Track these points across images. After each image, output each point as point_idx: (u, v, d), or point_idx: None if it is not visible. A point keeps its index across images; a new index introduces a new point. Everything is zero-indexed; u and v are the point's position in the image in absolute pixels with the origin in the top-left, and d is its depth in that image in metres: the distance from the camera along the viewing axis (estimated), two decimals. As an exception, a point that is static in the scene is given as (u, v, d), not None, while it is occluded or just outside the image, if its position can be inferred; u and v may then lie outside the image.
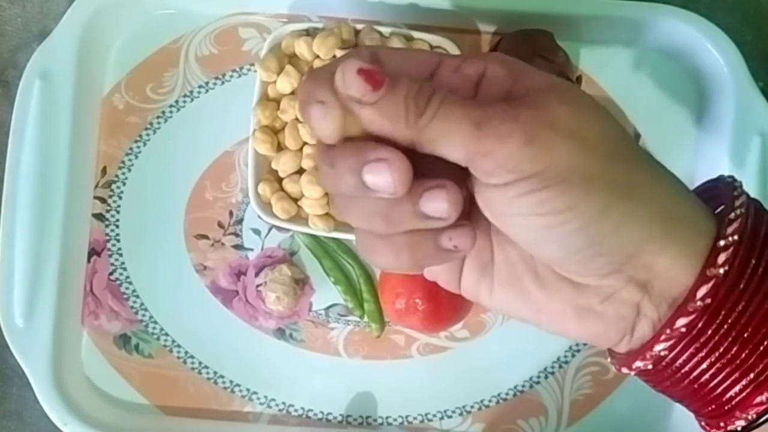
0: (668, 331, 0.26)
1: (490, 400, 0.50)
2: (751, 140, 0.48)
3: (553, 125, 0.25)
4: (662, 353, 0.26)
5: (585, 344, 0.50)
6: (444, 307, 0.47)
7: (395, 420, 0.50)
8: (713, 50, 0.48)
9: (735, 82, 0.48)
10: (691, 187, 0.29)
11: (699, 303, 0.25)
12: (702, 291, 0.25)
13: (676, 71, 0.50)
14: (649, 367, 0.27)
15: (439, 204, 0.25)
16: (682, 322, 0.26)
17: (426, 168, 0.25)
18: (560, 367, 0.50)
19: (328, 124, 0.25)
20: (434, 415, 0.50)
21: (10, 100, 0.49)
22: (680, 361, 0.26)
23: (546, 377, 0.50)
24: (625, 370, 0.28)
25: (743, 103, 0.48)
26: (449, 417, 0.50)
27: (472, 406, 0.50)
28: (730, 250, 0.25)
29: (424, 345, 0.50)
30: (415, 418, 0.50)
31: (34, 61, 0.48)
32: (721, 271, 0.25)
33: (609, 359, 0.29)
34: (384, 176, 0.24)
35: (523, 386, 0.50)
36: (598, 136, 0.25)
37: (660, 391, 0.29)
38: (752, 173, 0.48)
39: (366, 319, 0.50)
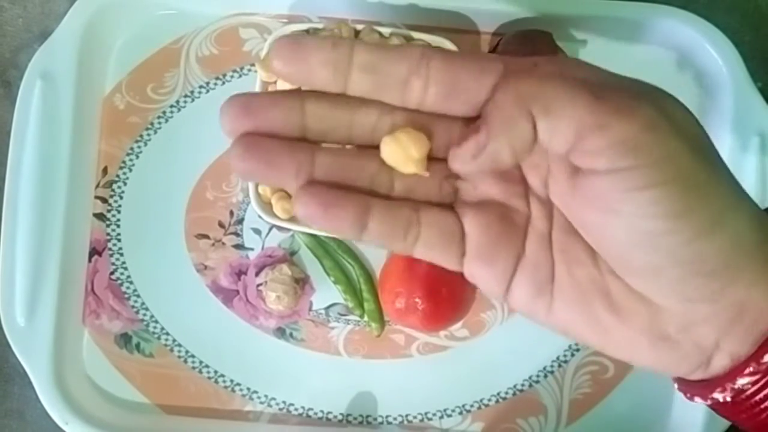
0: (754, 365, 0.24)
1: (489, 399, 0.50)
2: (749, 140, 0.48)
3: (670, 118, 0.22)
4: (745, 387, 0.24)
5: (584, 343, 0.50)
6: (444, 307, 0.47)
7: (395, 419, 0.50)
8: (712, 51, 0.48)
9: (734, 83, 0.48)
10: None
11: None
12: None
13: (675, 71, 0.50)
14: (728, 399, 0.25)
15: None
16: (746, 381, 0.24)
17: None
18: (560, 366, 0.50)
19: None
20: (434, 414, 0.50)
21: (11, 101, 0.49)
22: (762, 395, 0.24)
23: (545, 376, 0.50)
24: (698, 400, 0.26)
25: (742, 104, 0.48)
26: (449, 416, 0.50)
27: (471, 405, 0.50)
28: None
29: (424, 344, 0.50)
30: (414, 417, 0.50)
31: (35, 61, 0.48)
32: None
33: (676, 386, 0.27)
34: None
35: (523, 385, 0.50)
36: (702, 140, 0.23)
37: (733, 421, 0.27)
38: (751, 173, 0.48)
39: (366, 318, 0.50)
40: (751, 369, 0.24)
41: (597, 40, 0.50)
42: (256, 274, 0.51)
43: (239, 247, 0.51)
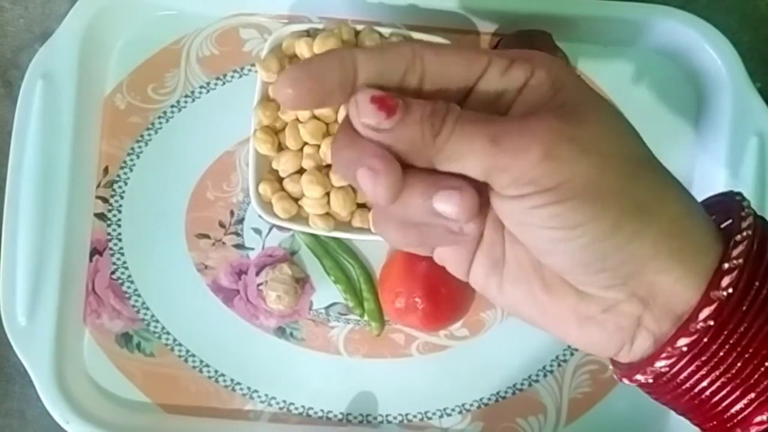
0: (669, 349, 0.26)
1: (489, 399, 0.50)
2: (748, 140, 0.48)
3: (572, 140, 0.24)
4: (662, 369, 0.26)
5: (583, 343, 0.50)
6: (443, 306, 0.47)
7: (395, 418, 0.50)
8: (711, 51, 0.48)
9: (733, 83, 0.48)
10: (691, 189, 0.29)
11: (701, 324, 0.25)
12: (705, 312, 0.25)
13: (674, 72, 0.50)
14: (650, 381, 0.27)
15: (452, 207, 0.25)
16: (683, 341, 0.26)
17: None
18: (559, 365, 0.50)
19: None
20: (434, 414, 0.50)
21: (12, 101, 0.49)
22: (682, 376, 0.26)
23: (545, 376, 0.50)
24: (626, 381, 0.28)
25: (741, 104, 0.48)
26: (449, 415, 0.50)
27: (471, 405, 0.50)
28: (735, 273, 0.25)
29: (424, 344, 0.51)
30: (414, 417, 0.50)
31: (36, 61, 0.48)
32: (725, 293, 0.25)
33: (612, 368, 0.30)
34: (368, 182, 0.25)
35: (522, 385, 0.50)
36: (617, 153, 0.25)
37: (663, 403, 0.29)
38: (749, 173, 0.48)
39: (366, 318, 0.50)
40: (667, 353, 0.26)
41: (596, 41, 0.50)
42: (257, 274, 0.51)
43: (240, 246, 0.51)
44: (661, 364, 0.26)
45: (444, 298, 0.47)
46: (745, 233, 0.26)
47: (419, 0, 0.48)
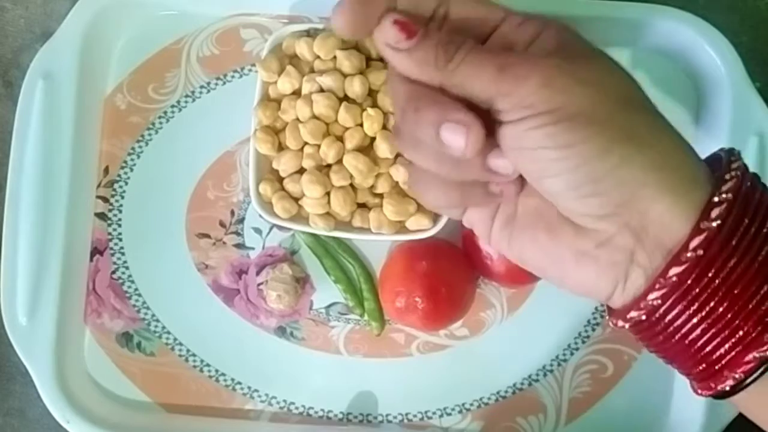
0: (661, 280, 0.27)
1: (489, 398, 0.50)
2: (747, 140, 0.48)
3: (572, 74, 0.27)
4: (655, 303, 0.27)
5: (584, 342, 0.50)
6: (443, 306, 0.47)
7: (395, 418, 0.51)
8: (710, 51, 0.48)
9: (732, 83, 0.48)
10: None
11: (691, 254, 0.26)
12: (695, 242, 0.26)
13: (673, 72, 0.50)
14: (643, 317, 0.28)
15: (507, 162, 0.29)
16: (674, 271, 0.27)
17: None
18: (559, 365, 0.50)
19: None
20: (434, 413, 0.50)
21: (13, 101, 0.49)
22: (672, 314, 0.27)
23: (545, 375, 0.50)
24: (620, 323, 0.29)
25: (740, 104, 0.48)
26: (449, 415, 0.50)
27: (471, 404, 0.50)
28: (724, 206, 0.27)
29: (424, 343, 0.51)
30: (414, 416, 0.51)
31: (37, 61, 0.48)
32: (714, 224, 0.26)
33: (606, 317, 0.31)
34: (458, 138, 0.28)
35: (522, 384, 0.50)
36: (612, 89, 0.28)
37: (653, 350, 0.30)
38: (749, 173, 0.48)
39: (366, 317, 0.50)
40: (659, 284, 0.27)
41: (596, 40, 0.50)
42: (257, 274, 0.51)
43: (240, 246, 0.51)
44: (653, 296, 0.27)
45: (444, 297, 0.47)
46: (734, 173, 0.28)
47: (419, 0, 0.48)
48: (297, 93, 0.46)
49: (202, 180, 0.51)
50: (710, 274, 0.26)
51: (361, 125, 0.45)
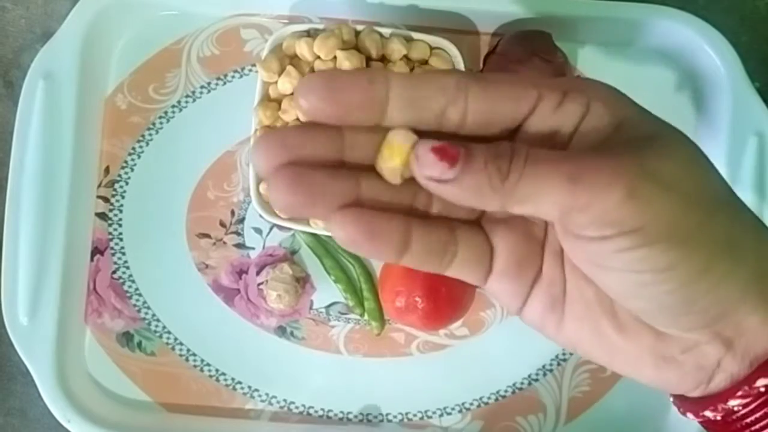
0: (746, 388, 0.25)
1: (489, 398, 0.50)
2: (747, 140, 0.48)
3: (654, 176, 0.23)
4: (735, 408, 0.25)
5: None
6: (443, 305, 0.47)
7: (395, 417, 0.51)
8: (710, 51, 0.48)
9: (732, 83, 0.48)
10: None
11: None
12: None
13: (673, 72, 0.50)
14: (718, 418, 0.26)
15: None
16: (762, 382, 0.25)
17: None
18: (558, 364, 0.50)
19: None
20: (434, 412, 0.51)
21: (14, 101, 0.49)
22: (752, 418, 0.25)
23: (544, 375, 0.50)
24: (690, 416, 0.27)
25: (740, 104, 0.48)
26: (448, 414, 0.51)
27: (471, 404, 0.51)
28: None
29: (424, 343, 0.51)
30: (414, 415, 0.51)
31: (37, 61, 0.48)
32: None
33: (672, 399, 0.28)
34: None
35: (522, 384, 0.51)
36: (699, 188, 0.24)
37: None
38: (749, 173, 0.48)
39: (366, 317, 0.50)
40: (743, 391, 0.25)
41: (596, 41, 0.50)
42: (257, 273, 0.51)
43: (240, 246, 0.51)
44: (734, 402, 0.25)
45: (444, 297, 0.47)
46: None
47: (419, 0, 0.48)
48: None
49: (203, 180, 0.51)
50: None
51: (361, 125, 0.45)
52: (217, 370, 0.51)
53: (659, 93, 0.50)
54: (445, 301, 0.47)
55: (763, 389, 0.25)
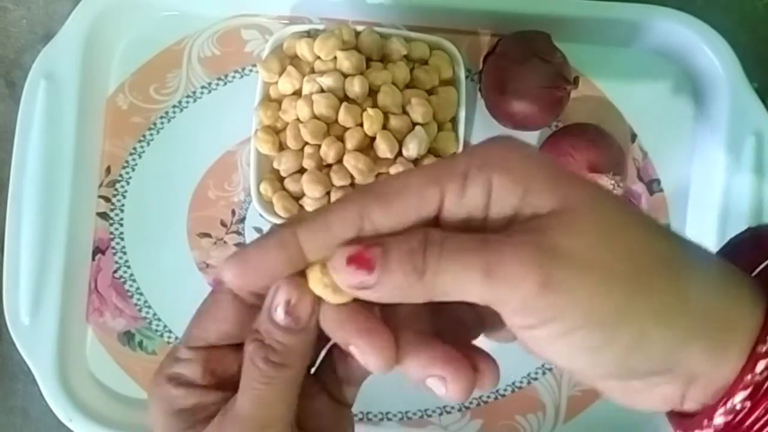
0: (706, 421, 0.25)
1: (488, 396, 0.51)
2: (745, 140, 0.48)
3: (567, 259, 0.22)
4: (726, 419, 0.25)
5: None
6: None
7: (395, 415, 0.51)
8: (709, 51, 0.48)
9: (730, 83, 0.48)
10: (689, 190, 0.27)
11: (738, 405, 0.24)
12: (740, 395, 0.24)
13: (672, 72, 0.51)
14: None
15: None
16: (719, 420, 0.25)
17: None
18: (558, 363, 0.51)
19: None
20: (433, 411, 0.51)
21: (15, 101, 0.50)
22: (749, 422, 0.25)
23: (544, 373, 0.51)
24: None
25: (738, 104, 0.48)
26: (448, 412, 0.51)
27: (470, 402, 0.51)
28: None
29: (424, 342, 0.51)
30: (414, 414, 0.51)
31: (39, 62, 0.49)
32: (759, 378, 0.24)
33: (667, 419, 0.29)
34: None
35: (521, 382, 0.51)
36: (622, 259, 0.23)
37: None
38: (747, 172, 0.48)
39: (366, 316, 0.50)
40: (705, 424, 0.25)
41: (594, 41, 0.51)
42: (258, 273, 0.51)
43: (241, 245, 0.51)
44: (719, 420, 0.25)
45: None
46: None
47: (419, 0, 0.49)
48: (297, 93, 0.46)
49: (203, 179, 0.51)
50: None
51: (361, 125, 0.45)
52: (217, 369, 0.51)
53: (658, 93, 0.51)
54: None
55: (738, 406, 0.24)
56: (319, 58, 0.46)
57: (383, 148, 0.45)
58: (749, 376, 0.24)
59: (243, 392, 0.25)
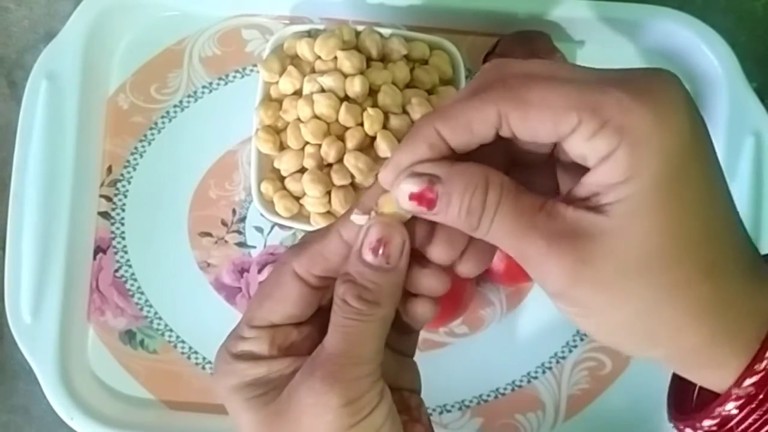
0: (737, 391, 0.26)
1: (488, 395, 0.51)
2: (744, 140, 0.48)
3: (594, 281, 0.24)
4: (732, 413, 0.26)
5: (582, 340, 0.50)
6: (444, 304, 0.47)
7: (395, 414, 0.51)
8: (708, 51, 0.48)
9: (729, 83, 0.48)
10: None
11: (743, 392, 0.25)
12: (748, 381, 0.25)
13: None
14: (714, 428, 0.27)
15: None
16: (749, 381, 0.25)
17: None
18: (557, 362, 0.51)
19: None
20: (433, 410, 0.51)
21: (17, 101, 0.50)
22: (748, 422, 0.26)
23: (543, 372, 0.51)
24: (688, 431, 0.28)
25: (737, 104, 0.48)
26: (448, 411, 0.51)
27: (470, 401, 0.51)
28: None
29: (424, 341, 0.51)
30: (414, 413, 0.51)
31: (40, 61, 0.49)
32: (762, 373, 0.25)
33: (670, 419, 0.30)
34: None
35: (521, 381, 0.51)
36: (670, 264, 0.24)
37: None
38: (746, 172, 0.48)
39: (367, 315, 0.51)
40: (735, 395, 0.26)
41: (594, 41, 0.51)
42: (259, 272, 0.51)
43: (242, 245, 0.51)
44: (730, 406, 0.26)
45: (444, 295, 0.47)
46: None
47: (419, 0, 0.49)
48: (298, 93, 0.47)
49: (204, 179, 0.51)
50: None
51: (362, 125, 0.45)
52: (218, 368, 0.51)
53: (657, 93, 0.51)
54: (445, 299, 0.47)
55: (752, 391, 0.25)
56: (319, 57, 0.46)
57: (383, 148, 0.45)
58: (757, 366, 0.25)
59: (333, 331, 0.27)
